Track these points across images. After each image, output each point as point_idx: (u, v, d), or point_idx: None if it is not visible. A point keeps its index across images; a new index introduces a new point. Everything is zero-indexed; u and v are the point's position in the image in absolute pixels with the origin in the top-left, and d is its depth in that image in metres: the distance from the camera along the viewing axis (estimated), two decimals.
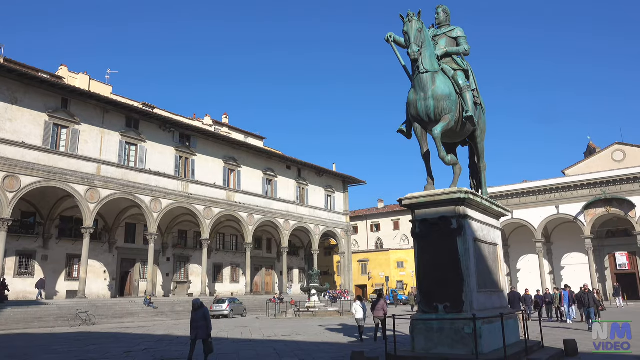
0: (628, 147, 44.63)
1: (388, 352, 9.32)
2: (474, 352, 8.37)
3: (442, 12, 11.47)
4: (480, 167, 11.71)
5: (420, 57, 9.90)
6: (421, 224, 9.70)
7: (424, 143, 10.37)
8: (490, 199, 10.89)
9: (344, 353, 11.57)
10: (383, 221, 63.68)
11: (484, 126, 11.50)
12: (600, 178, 40.15)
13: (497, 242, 10.99)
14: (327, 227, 47.41)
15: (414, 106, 10.16)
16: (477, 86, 11.18)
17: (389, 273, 54.71)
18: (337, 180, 50.13)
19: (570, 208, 41.22)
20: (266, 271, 46.66)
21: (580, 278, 36.65)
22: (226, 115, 51.12)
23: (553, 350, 10.70)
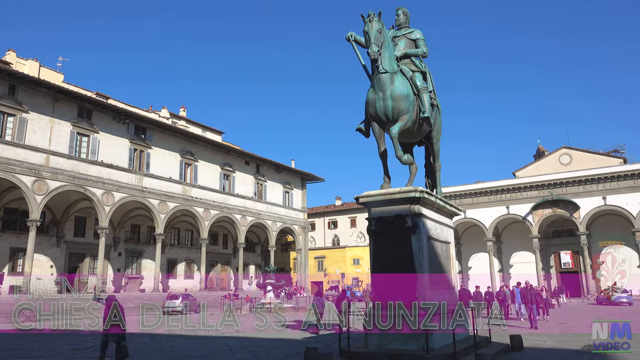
0: (574, 151, 46.78)
1: (342, 348, 9.42)
2: (425, 347, 8.58)
3: (402, 14, 11.65)
4: (435, 167, 11.98)
5: (379, 58, 10.03)
6: (377, 222, 9.83)
7: (381, 142, 10.51)
8: (444, 198, 11.17)
9: (298, 349, 11.60)
10: (340, 218, 64.14)
11: (439, 127, 11.76)
12: (548, 180, 41.90)
13: (449, 241, 11.28)
14: (284, 224, 47.34)
15: (372, 105, 10.29)
16: (434, 88, 11.42)
17: (345, 270, 55.20)
18: (296, 177, 50.09)
19: (519, 208, 42.83)
20: (222, 267, 46.12)
21: (527, 276, 38.07)
22: (184, 108, 50.08)
23: (500, 345, 11.10)
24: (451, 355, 8.63)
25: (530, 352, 11.01)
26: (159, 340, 14.54)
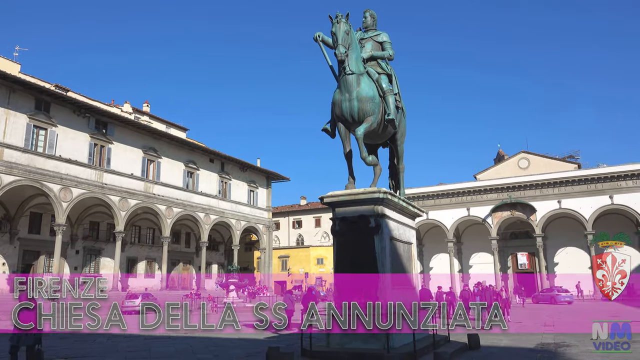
0: (532, 156, 48.33)
1: (303, 347, 9.45)
2: (386, 346, 8.70)
3: (370, 17, 11.78)
4: (399, 169, 12.15)
5: (346, 59, 10.11)
6: (341, 222, 9.91)
7: (347, 143, 10.59)
8: (407, 199, 11.34)
9: (260, 348, 11.55)
10: (305, 218, 64.18)
11: (404, 129, 11.95)
12: (507, 183, 43.13)
13: (411, 241, 11.47)
14: (248, 223, 47.02)
15: (338, 106, 10.36)
16: (399, 90, 11.59)
17: (308, 269, 55.28)
18: (261, 175, 49.83)
19: (479, 210, 43.91)
20: (184, 266, 45.41)
21: (486, 276, 39.15)
22: (147, 103, 49.08)
23: (458, 344, 11.36)
24: (411, 354, 8.78)
25: (487, 351, 11.32)
26: (116, 341, 14.21)
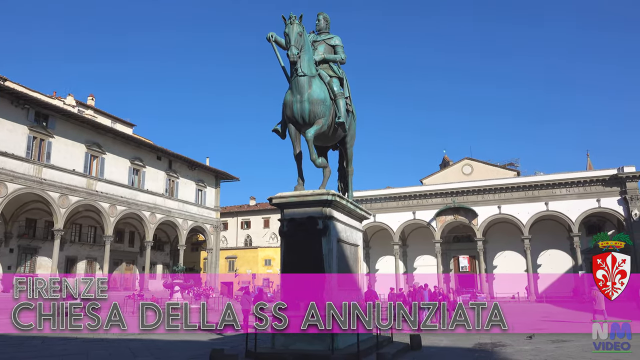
0: (475, 162, 50.23)
1: (248, 349, 9.40)
2: (330, 347, 8.80)
3: (323, 20, 11.88)
4: (348, 172, 12.31)
5: (299, 60, 10.16)
6: (289, 223, 9.94)
7: (297, 144, 10.63)
8: (355, 202, 11.51)
9: (203, 350, 11.39)
10: (254, 219, 63.69)
11: (354, 133, 12.13)
12: (451, 189, 44.57)
13: (358, 243, 11.65)
14: (196, 222, 46.14)
15: (289, 107, 10.39)
16: (350, 94, 11.75)
17: (256, 270, 54.89)
18: (210, 175, 49.02)
19: (425, 214, 45.13)
20: (126, 266, 43.94)
21: (429, 277, 40.28)
22: (92, 97, 47.16)
23: (401, 344, 11.64)
24: (354, 355, 8.92)
25: (428, 351, 11.67)
26: (50, 343, 13.58)
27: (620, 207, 39.89)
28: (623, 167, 39.96)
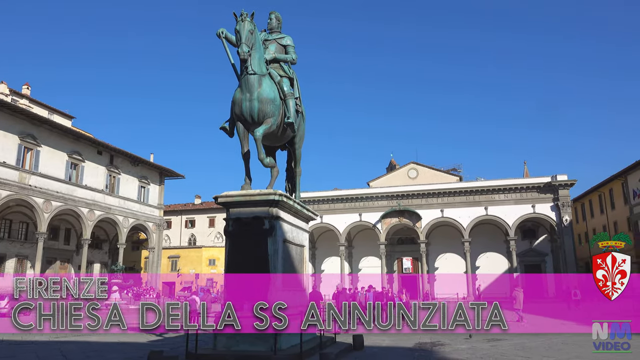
0: (421, 167, 51.55)
1: (189, 350, 9.18)
2: (273, 348, 8.75)
3: (275, 19, 11.84)
4: (296, 172, 12.31)
5: (249, 58, 10.07)
6: (235, 223, 9.81)
7: (245, 143, 10.51)
8: (302, 203, 11.52)
9: (141, 352, 11.02)
10: (199, 217, 62.42)
11: (303, 134, 12.14)
12: (397, 192, 45.54)
13: (304, 244, 11.65)
14: (137, 220, 44.62)
15: (238, 105, 10.26)
16: (300, 95, 11.76)
17: (200, 270, 53.80)
18: (154, 171, 47.57)
19: (371, 216, 45.85)
20: (61, 265, 41.82)
21: (374, 278, 40.97)
22: (28, 86, 44.67)
23: (344, 345, 11.75)
24: (297, 355, 8.91)
25: (370, 351, 11.84)
26: None
27: (552, 213, 42.14)
28: (556, 176, 42.24)
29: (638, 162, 40.99)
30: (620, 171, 44.61)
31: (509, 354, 10.97)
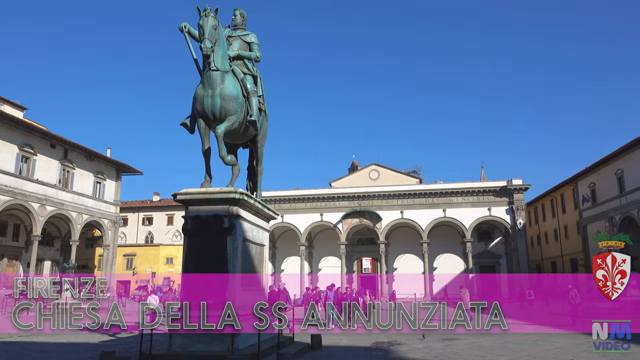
0: (382, 168, 52.16)
1: (143, 351, 8.94)
2: (230, 348, 8.64)
3: (239, 15, 11.72)
4: (258, 171, 12.21)
5: (212, 54, 9.93)
6: (193, 221, 9.63)
7: (206, 140, 10.34)
8: (263, 202, 11.43)
9: (93, 353, 10.68)
10: (157, 215, 61.05)
11: (265, 132, 12.06)
12: (358, 192, 45.91)
13: (264, 243, 11.57)
14: (92, 217, 43.18)
15: (200, 102, 10.10)
16: (263, 93, 11.69)
17: (156, 269, 52.66)
18: (111, 167, 46.15)
19: (332, 216, 46.06)
20: (8, 262, 40.00)
21: (333, 279, 41.10)
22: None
23: (302, 344, 11.75)
24: (255, 355, 8.83)
25: (328, 350, 11.88)
26: None
27: (507, 216, 43.48)
28: (512, 180, 43.60)
29: (587, 169, 42.88)
30: (571, 177, 46.57)
31: (463, 353, 11.23)
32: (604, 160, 39.85)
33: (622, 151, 37.22)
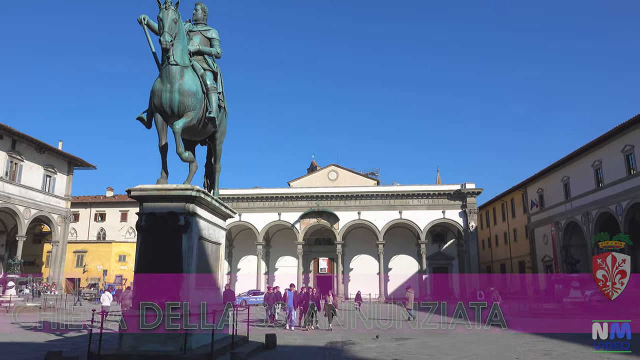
0: (341, 169, 52.56)
1: (91, 350, 8.70)
2: (183, 347, 8.53)
3: (201, 10, 11.60)
4: (215, 168, 12.09)
5: (172, 48, 9.79)
6: (148, 218, 9.45)
7: (163, 135, 10.16)
8: (220, 200, 11.33)
9: (38, 353, 10.28)
10: (110, 211, 59.24)
11: (224, 129, 11.96)
12: (316, 192, 46.10)
13: (220, 242, 11.47)
14: (41, 212, 41.46)
15: (158, 96, 9.92)
16: (223, 90, 11.59)
17: (108, 267, 51.10)
18: (62, 160, 44.43)
19: (290, 216, 46.04)
20: None
21: (290, 279, 41.13)
22: None
23: (256, 344, 11.72)
24: (208, 355, 8.75)
25: (282, 350, 11.90)
26: None
27: (460, 219, 44.71)
28: (465, 184, 44.86)
29: (536, 175, 44.68)
30: (521, 182, 48.41)
31: (414, 352, 11.48)
32: (552, 167, 41.65)
33: (567, 159, 39.02)
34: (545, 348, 11.98)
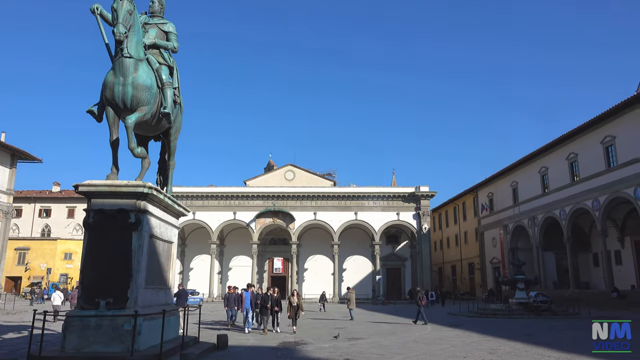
0: (298, 169, 52.56)
1: (31, 352, 8.29)
2: (130, 349, 8.27)
3: (158, 3, 11.36)
4: (169, 165, 11.82)
5: (126, 40, 9.50)
6: (96, 214, 9.12)
7: (114, 130, 9.83)
8: (173, 197, 11.08)
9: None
10: (56, 207, 56.83)
11: (179, 126, 11.70)
12: (273, 192, 45.88)
13: (172, 240, 11.22)
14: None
15: (110, 89, 9.59)
16: (179, 85, 11.34)
17: (53, 265, 48.93)
18: (5, 152, 42.09)
19: (245, 215, 45.61)
20: None
21: (244, 279, 40.82)
22: None
23: (207, 344, 11.52)
24: (157, 356, 8.52)
25: (234, 350, 11.75)
26: None
27: (414, 221, 45.59)
28: (419, 187, 45.77)
29: (487, 180, 46.19)
30: (473, 186, 49.94)
31: (366, 352, 11.59)
32: (502, 172, 43.17)
33: (516, 165, 40.56)
34: (491, 347, 12.37)
